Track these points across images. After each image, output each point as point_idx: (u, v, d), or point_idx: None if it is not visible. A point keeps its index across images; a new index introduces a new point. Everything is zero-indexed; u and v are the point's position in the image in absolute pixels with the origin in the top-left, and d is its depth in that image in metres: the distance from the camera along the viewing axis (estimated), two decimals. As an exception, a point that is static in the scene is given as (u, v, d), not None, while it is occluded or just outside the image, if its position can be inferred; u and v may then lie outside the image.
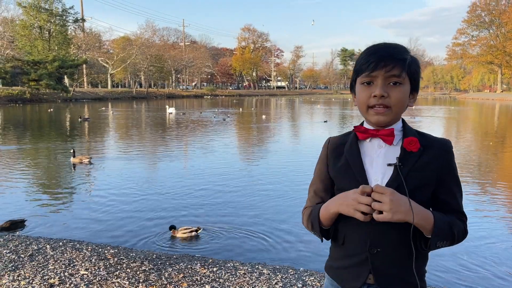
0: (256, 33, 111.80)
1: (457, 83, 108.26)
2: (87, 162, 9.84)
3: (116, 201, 6.73)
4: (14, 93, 43.13)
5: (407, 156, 1.23)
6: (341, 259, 1.33)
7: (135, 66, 68.45)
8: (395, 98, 1.22)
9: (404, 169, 1.21)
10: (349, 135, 1.36)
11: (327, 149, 1.40)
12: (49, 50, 52.85)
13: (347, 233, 1.30)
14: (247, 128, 20.55)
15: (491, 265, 4.46)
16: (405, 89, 1.24)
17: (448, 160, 1.27)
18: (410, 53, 1.27)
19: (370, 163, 1.27)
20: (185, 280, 3.62)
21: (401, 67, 1.21)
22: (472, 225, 5.69)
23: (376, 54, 1.22)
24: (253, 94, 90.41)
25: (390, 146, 1.26)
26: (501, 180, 8.83)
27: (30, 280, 3.51)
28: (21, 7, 53.62)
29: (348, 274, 1.31)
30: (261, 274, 3.84)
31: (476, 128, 22.22)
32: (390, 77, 1.22)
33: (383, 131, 1.25)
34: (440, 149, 1.27)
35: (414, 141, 1.24)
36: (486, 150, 13.06)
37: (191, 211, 6.27)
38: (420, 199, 1.21)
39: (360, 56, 1.28)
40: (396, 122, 1.28)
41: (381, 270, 1.25)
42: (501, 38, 78.93)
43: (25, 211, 6.22)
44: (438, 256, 4.49)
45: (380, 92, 1.21)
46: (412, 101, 1.30)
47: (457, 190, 1.29)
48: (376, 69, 1.21)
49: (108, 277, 3.62)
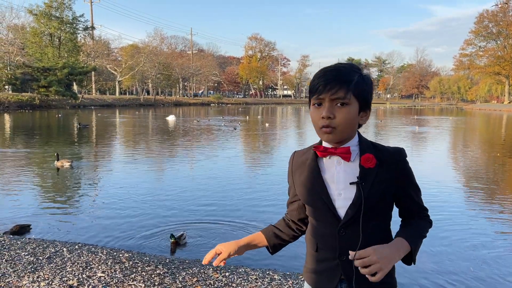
0: (263, 42, 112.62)
1: (464, 93, 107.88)
2: (68, 166, 10.21)
3: (120, 205, 6.85)
4: (24, 99, 43.69)
5: (366, 173, 1.33)
6: (316, 264, 1.46)
7: (143, 73, 69.14)
8: (340, 118, 1.30)
9: (365, 186, 1.32)
10: (311, 149, 1.44)
11: (292, 165, 1.51)
12: (59, 57, 53.59)
13: (319, 242, 1.43)
14: (253, 136, 20.67)
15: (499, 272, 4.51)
16: (352, 109, 1.31)
17: (403, 168, 1.38)
18: (362, 71, 1.35)
19: (331, 179, 1.37)
20: (198, 284, 3.72)
21: (345, 89, 1.29)
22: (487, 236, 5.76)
23: (323, 78, 1.31)
24: (260, 102, 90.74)
25: (348, 162, 1.36)
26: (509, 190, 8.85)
27: (50, 281, 3.62)
28: (32, 14, 54.60)
29: (323, 278, 1.43)
30: (272, 280, 3.93)
31: (484, 138, 22.18)
32: (335, 99, 1.30)
33: (340, 149, 1.34)
34: (395, 159, 1.37)
35: (370, 158, 1.33)
36: (493, 161, 13.07)
37: (202, 217, 6.37)
38: (381, 208, 1.36)
39: (312, 78, 1.37)
40: (351, 139, 1.37)
41: (351, 274, 1.36)
42: (509, 49, 78.78)
43: (26, 214, 6.37)
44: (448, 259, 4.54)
45: (326, 114, 1.30)
46: (364, 118, 1.38)
47: (415, 190, 1.42)
48: (323, 92, 1.30)
49: (125, 279, 3.73)
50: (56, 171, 9.91)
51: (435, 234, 5.58)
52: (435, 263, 4.75)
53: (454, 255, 5.04)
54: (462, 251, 5.19)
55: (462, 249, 5.26)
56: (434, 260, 4.86)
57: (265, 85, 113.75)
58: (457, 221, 6.36)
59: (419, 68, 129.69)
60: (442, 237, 5.59)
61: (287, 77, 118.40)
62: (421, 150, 16.03)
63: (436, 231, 5.78)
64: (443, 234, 5.72)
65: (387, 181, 1.34)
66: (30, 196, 7.72)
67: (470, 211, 7.05)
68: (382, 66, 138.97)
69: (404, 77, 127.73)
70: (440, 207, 7.04)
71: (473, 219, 6.57)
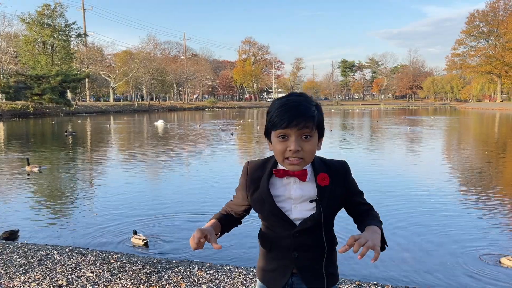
0: (257, 46, 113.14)
1: (457, 93, 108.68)
2: (36, 171, 10.60)
3: (111, 208, 7.01)
4: (17, 108, 43.69)
5: (322, 190, 1.51)
6: (269, 263, 1.62)
7: (137, 79, 69.29)
8: (307, 150, 1.45)
9: (323, 203, 1.50)
10: (266, 164, 1.58)
11: (246, 176, 1.61)
12: (52, 64, 53.63)
13: (273, 242, 1.59)
14: (248, 138, 20.86)
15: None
16: (314, 139, 1.47)
17: (348, 178, 1.59)
18: (315, 102, 1.50)
19: (287, 195, 1.53)
20: (183, 281, 3.89)
21: (311, 123, 1.43)
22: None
23: (287, 113, 1.41)
24: (255, 106, 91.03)
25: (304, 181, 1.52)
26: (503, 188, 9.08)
27: (40, 282, 3.78)
28: (24, 22, 54.59)
29: (276, 274, 1.60)
30: (254, 276, 4.10)
31: (477, 137, 22.48)
32: (302, 133, 1.43)
33: (298, 172, 1.49)
34: (341, 172, 1.57)
35: (325, 177, 1.51)
36: (484, 159, 13.32)
37: (192, 217, 6.54)
38: (334, 215, 1.57)
39: (273, 112, 1.47)
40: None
41: (303, 268, 1.56)
42: (500, 48, 79.59)
43: (6, 220, 6.51)
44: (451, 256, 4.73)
45: (295, 147, 1.42)
46: (319, 145, 1.53)
47: (359, 192, 1.62)
48: (289, 126, 1.41)
49: (112, 278, 3.89)
50: (26, 176, 10.29)
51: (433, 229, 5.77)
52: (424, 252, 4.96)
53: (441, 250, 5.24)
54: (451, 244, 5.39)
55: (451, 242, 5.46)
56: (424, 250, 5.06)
57: (259, 88, 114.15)
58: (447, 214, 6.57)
59: (413, 69, 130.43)
60: (437, 231, 5.80)
61: (281, 80, 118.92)
62: (414, 148, 16.29)
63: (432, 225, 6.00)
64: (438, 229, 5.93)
65: (339, 196, 1.55)
66: (5, 201, 7.87)
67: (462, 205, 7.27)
68: (375, 67, 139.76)
69: (397, 77, 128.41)
70: (435, 203, 7.26)
71: (461, 213, 6.78)
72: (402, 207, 7.17)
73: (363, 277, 4.25)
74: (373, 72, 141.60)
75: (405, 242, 5.49)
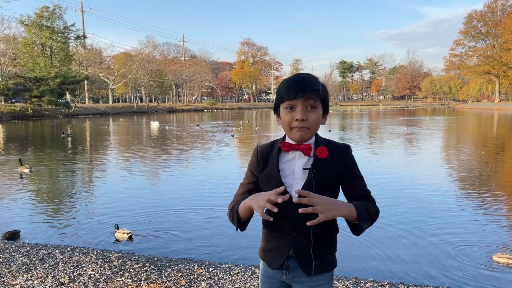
0: (255, 47, 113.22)
1: (455, 93, 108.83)
2: (27, 172, 10.84)
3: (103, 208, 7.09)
4: (16, 110, 43.74)
5: (319, 162, 1.58)
6: (269, 242, 1.69)
7: (136, 81, 69.33)
8: (312, 120, 1.56)
9: (317, 173, 1.57)
10: (274, 146, 1.68)
11: (256, 157, 1.71)
12: (51, 66, 53.65)
13: (275, 222, 1.61)
14: (249, 139, 20.94)
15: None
16: (319, 112, 1.59)
17: (350, 160, 1.65)
18: (320, 82, 1.62)
19: (291, 171, 1.60)
20: (183, 278, 3.97)
21: (316, 95, 1.56)
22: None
23: (295, 86, 1.56)
24: (253, 107, 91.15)
25: (308, 157, 1.60)
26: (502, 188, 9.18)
27: (42, 279, 3.86)
28: (23, 25, 54.67)
29: (274, 254, 1.67)
30: (253, 273, 4.18)
31: (475, 137, 22.58)
32: (308, 104, 1.55)
33: (303, 146, 1.59)
34: (343, 152, 1.64)
35: (323, 150, 1.59)
36: (482, 159, 13.41)
37: (192, 217, 6.62)
38: (329, 193, 1.56)
39: (282, 87, 1.61)
40: (312, 137, 1.62)
41: (299, 249, 1.62)
42: (498, 48, 79.82)
43: (7, 221, 6.59)
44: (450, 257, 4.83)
45: (301, 116, 1.54)
46: (324, 120, 1.64)
47: (361, 178, 1.67)
48: (296, 97, 1.54)
49: (113, 276, 3.97)
50: (19, 176, 10.47)
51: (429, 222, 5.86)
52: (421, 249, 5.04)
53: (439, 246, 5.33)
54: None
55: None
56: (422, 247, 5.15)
57: (258, 89, 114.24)
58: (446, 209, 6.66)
59: (411, 69, 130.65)
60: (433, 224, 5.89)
61: (280, 81, 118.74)
62: (413, 148, 16.38)
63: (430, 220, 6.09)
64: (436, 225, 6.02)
65: (336, 172, 1.60)
66: (4, 201, 7.94)
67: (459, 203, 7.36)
68: (374, 68, 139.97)
69: (396, 78, 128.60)
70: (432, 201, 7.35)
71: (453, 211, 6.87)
72: (398, 205, 7.27)
73: (359, 274, 4.34)
74: (371, 73, 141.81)
75: (401, 240, 5.59)
